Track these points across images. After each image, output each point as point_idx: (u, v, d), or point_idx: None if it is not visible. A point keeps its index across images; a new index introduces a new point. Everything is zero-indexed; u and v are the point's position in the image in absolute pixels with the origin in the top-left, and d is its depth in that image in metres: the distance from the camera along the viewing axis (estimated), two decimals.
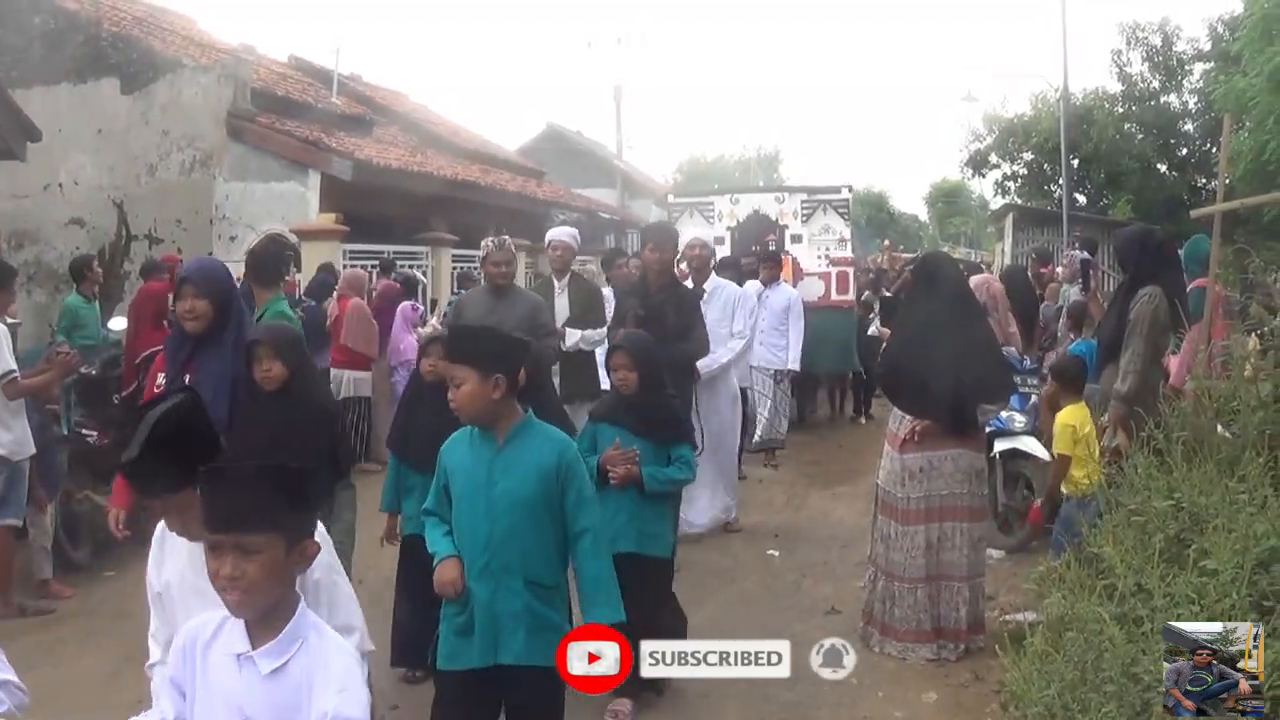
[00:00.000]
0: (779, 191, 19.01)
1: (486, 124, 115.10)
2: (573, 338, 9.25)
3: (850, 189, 18.29)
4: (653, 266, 9.00)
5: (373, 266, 16.54)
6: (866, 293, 19.10)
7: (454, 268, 19.78)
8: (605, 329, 9.32)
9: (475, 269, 19.05)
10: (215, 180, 18.09)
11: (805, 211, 17.59)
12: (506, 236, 8.80)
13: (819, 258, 17.23)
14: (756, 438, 12.87)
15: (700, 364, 9.09)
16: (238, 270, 15.07)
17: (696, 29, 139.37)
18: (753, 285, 13.02)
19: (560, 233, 10.03)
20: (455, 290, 17.74)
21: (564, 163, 39.43)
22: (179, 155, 18.44)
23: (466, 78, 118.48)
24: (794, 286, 15.38)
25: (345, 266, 15.86)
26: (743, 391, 11.10)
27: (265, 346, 5.75)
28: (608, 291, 11.21)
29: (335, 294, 13.30)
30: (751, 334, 11.23)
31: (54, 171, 18.22)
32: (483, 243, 8.89)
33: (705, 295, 9.95)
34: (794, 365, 13.44)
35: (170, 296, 10.66)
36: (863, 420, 17.63)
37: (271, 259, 8.59)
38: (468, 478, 4.64)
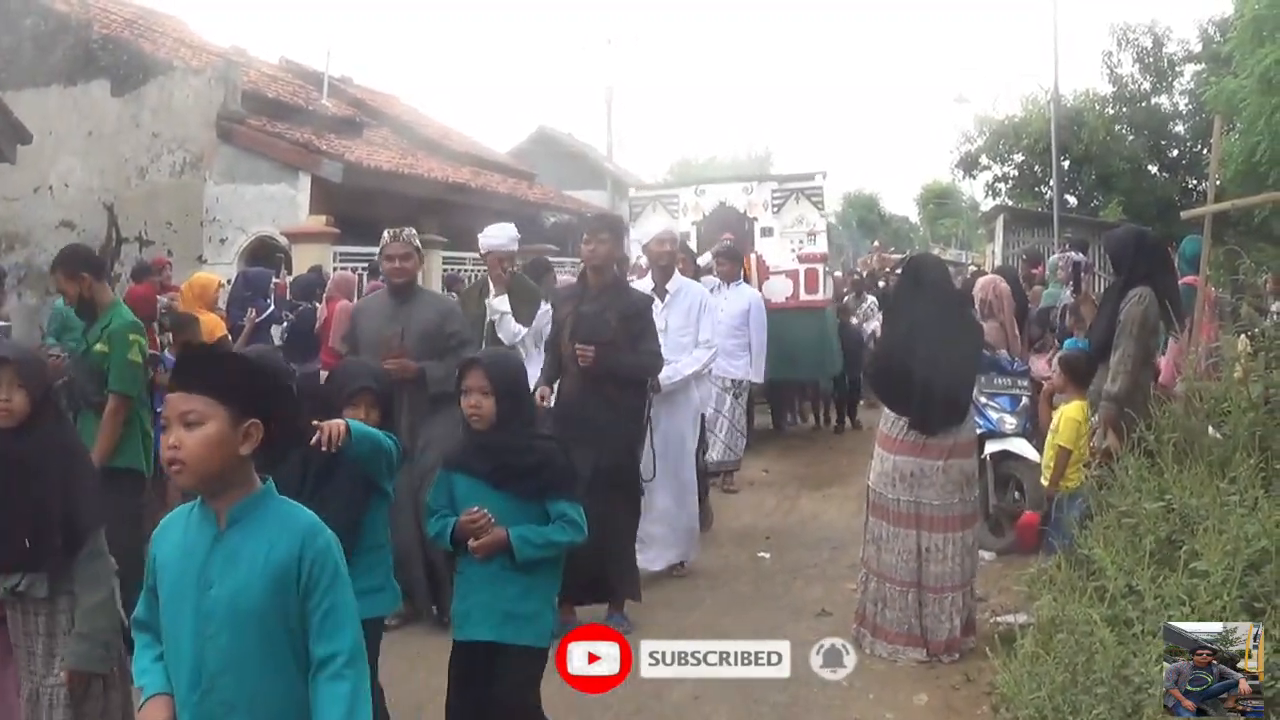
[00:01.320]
0: (747, 181, 17.47)
1: (477, 126, 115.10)
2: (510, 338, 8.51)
3: (824, 175, 17.00)
4: (592, 262, 7.62)
5: (363, 269, 16.51)
6: (849, 295, 18.76)
7: (444, 270, 19.78)
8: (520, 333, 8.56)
9: (462, 270, 19.07)
10: (206, 182, 18.07)
11: (776, 202, 16.42)
12: (411, 229, 7.67)
13: (792, 252, 16.02)
14: (712, 458, 11.40)
15: (661, 375, 8.11)
16: (228, 272, 15.13)
17: (687, 30, 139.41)
18: (707, 281, 12.00)
19: (496, 239, 8.86)
20: (445, 292, 17.72)
21: (555, 165, 39.41)
22: (169, 157, 18.42)
23: (457, 80, 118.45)
24: (759, 286, 14.75)
25: (335, 269, 15.84)
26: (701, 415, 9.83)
27: (8, 369, 4.55)
28: None
29: (325, 297, 13.29)
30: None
31: (44, 174, 18.20)
32: (383, 234, 7.69)
33: (666, 297, 8.99)
34: (757, 376, 12.52)
35: (169, 297, 10.68)
36: (847, 427, 16.97)
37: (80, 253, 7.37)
38: (176, 577, 3.25)
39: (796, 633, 7.43)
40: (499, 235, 8.89)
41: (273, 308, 12.86)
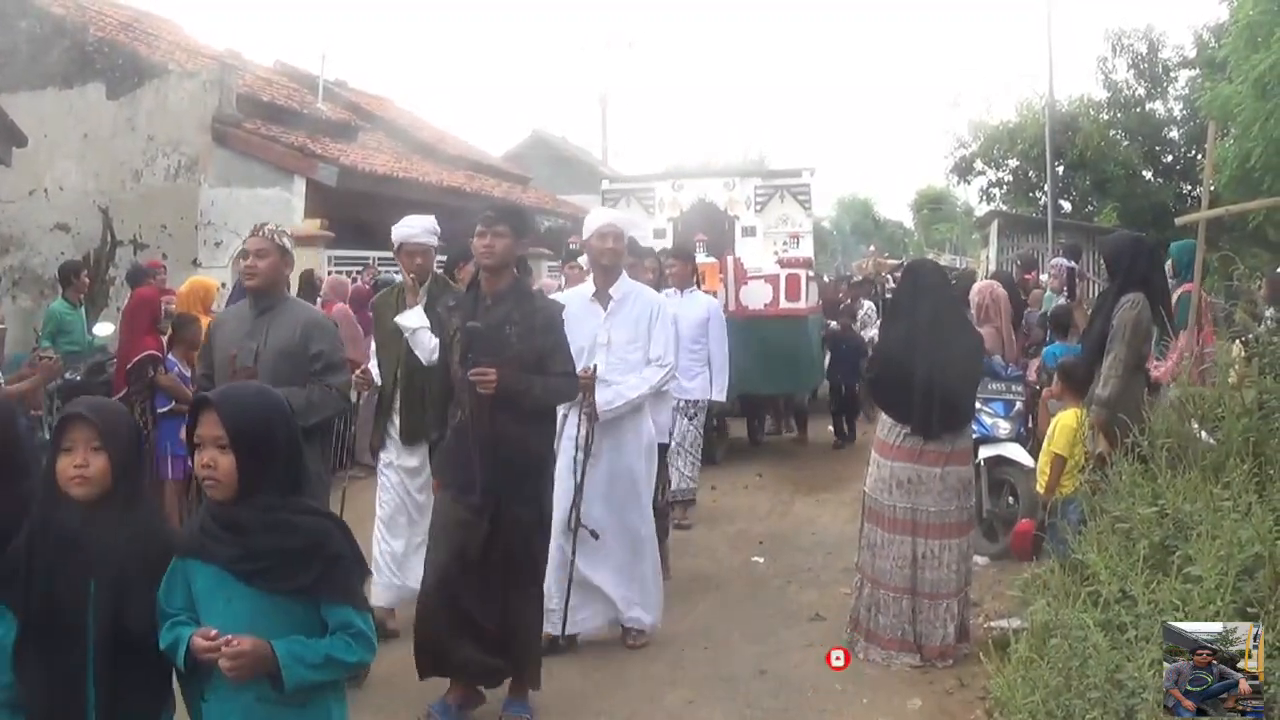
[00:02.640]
0: (729, 176, 16.16)
1: (472, 130, 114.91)
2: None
3: (812, 173, 15.86)
4: (486, 261, 6.14)
5: (357, 272, 16.55)
6: (845, 303, 18.12)
7: (439, 274, 19.74)
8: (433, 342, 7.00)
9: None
10: (200, 186, 18.02)
11: (760, 199, 15.41)
12: (271, 225, 6.40)
13: (774, 255, 15.05)
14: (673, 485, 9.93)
15: (601, 401, 6.97)
16: (223, 276, 15.12)
17: (682, 35, 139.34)
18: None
19: (411, 231, 7.62)
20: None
21: (550, 169, 39.38)
22: (164, 161, 18.38)
23: (452, 84, 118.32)
24: (736, 292, 14.19)
25: (330, 273, 15.84)
26: (660, 446, 8.20)
27: (84, 428, 3.54)
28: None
29: (320, 300, 13.30)
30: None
31: (39, 177, 18.16)
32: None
33: (610, 304, 7.37)
34: (719, 395, 10.93)
35: (163, 301, 10.68)
36: (846, 440, 15.61)
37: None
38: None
39: (790, 637, 7.48)
40: (411, 226, 7.63)
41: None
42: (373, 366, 7.63)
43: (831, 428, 15.97)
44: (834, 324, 16.67)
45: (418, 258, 7.54)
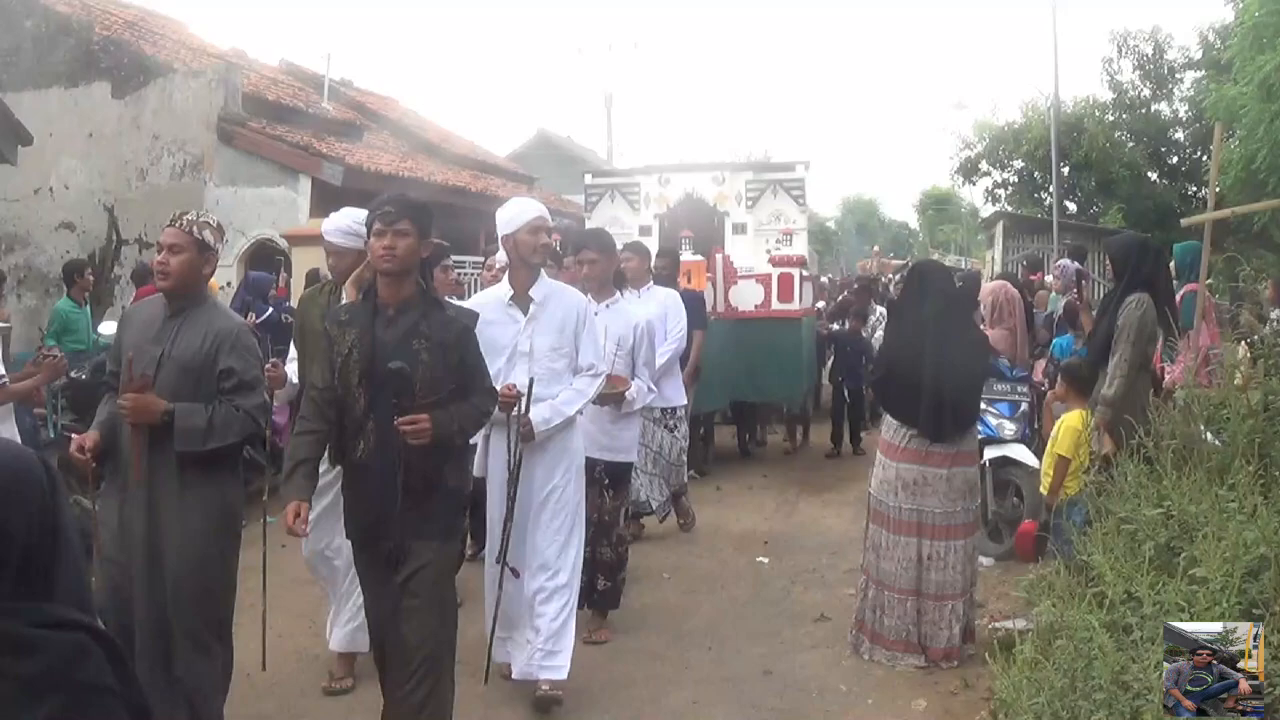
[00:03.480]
0: (718, 170, 14.92)
1: (477, 130, 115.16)
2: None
3: (807, 166, 14.60)
4: (384, 265, 5.17)
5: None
6: (855, 305, 17.17)
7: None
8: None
9: (462, 275, 19.05)
10: (206, 185, 18.06)
11: (751, 194, 14.33)
12: (192, 214, 5.61)
13: (766, 253, 14.12)
14: (640, 497, 9.44)
15: (537, 420, 6.16)
16: (228, 275, 15.12)
17: (687, 35, 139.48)
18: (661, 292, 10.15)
19: (326, 228, 6.97)
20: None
21: (555, 168, 39.38)
22: (170, 160, 18.41)
23: (458, 83, 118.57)
24: (725, 292, 13.60)
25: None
26: (612, 471, 7.46)
27: None
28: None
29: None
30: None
31: (45, 175, 18.22)
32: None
33: (531, 308, 6.44)
34: (678, 400, 9.91)
35: None
36: (846, 450, 14.93)
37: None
38: None
39: (795, 638, 7.47)
40: (331, 221, 6.97)
41: (270, 311, 12.90)
42: (291, 368, 6.81)
43: (831, 435, 15.17)
44: (835, 326, 16.21)
45: (331, 258, 6.87)
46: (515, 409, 6.08)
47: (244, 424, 5.32)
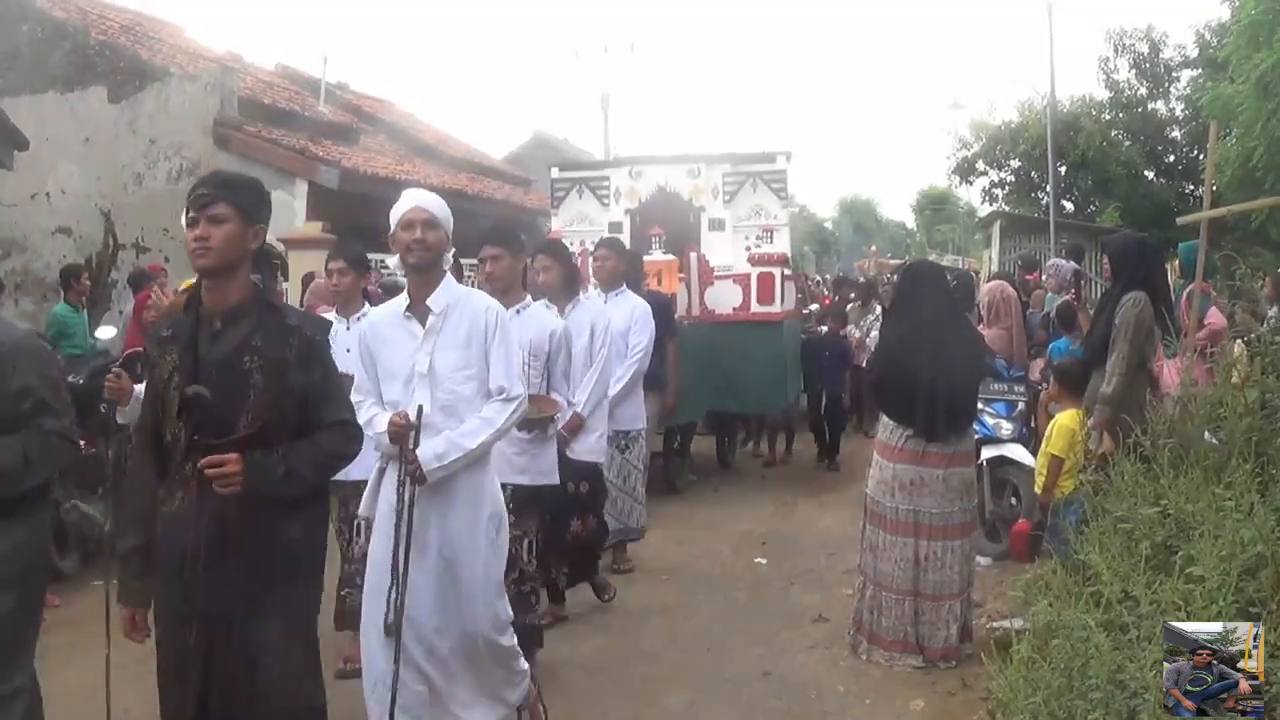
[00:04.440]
0: (693, 162, 13.84)
1: (474, 132, 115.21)
2: None
3: (788, 157, 13.66)
4: (200, 262, 4.18)
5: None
6: (852, 305, 17.11)
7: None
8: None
9: (462, 277, 19.03)
10: None
11: (729, 187, 13.44)
12: None
13: (746, 250, 13.21)
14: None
15: (429, 456, 5.04)
16: None
17: (684, 36, 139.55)
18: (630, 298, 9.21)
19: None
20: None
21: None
22: (166, 164, 18.40)
23: (454, 86, 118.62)
24: (701, 293, 12.71)
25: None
26: (520, 496, 6.30)
27: None
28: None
29: (303, 304, 13.30)
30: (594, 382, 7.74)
31: (41, 180, 18.19)
32: None
33: (429, 319, 5.37)
34: (635, 424, 8.96)
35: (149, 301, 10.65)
36: (830, 465, 14.18)
37: None
38: None
39: (793, 639, 7.47)
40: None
41: None
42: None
43: (818, 448, 14.55)
44: (822, 328, 15.52)
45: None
46: (404, 442, 5.05)
47: (63, 451, 4.70)
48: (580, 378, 7.57)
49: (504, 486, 5.86)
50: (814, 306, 16.96)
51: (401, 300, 5.53)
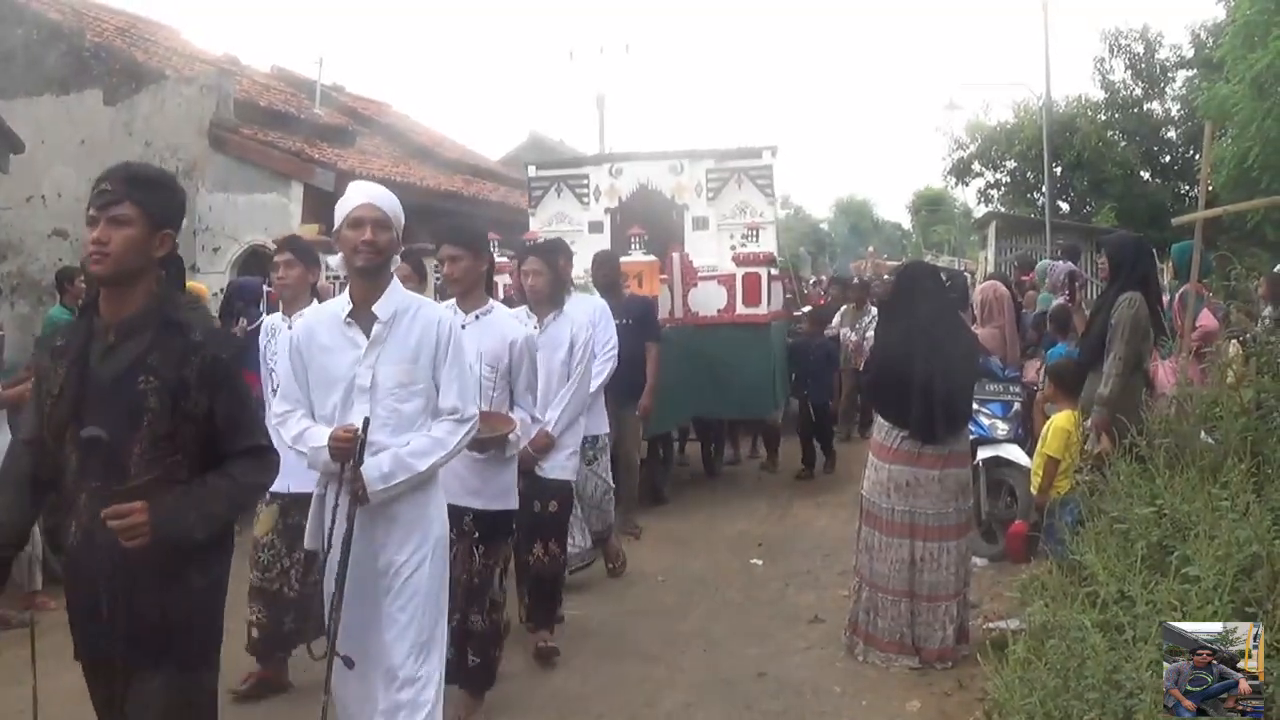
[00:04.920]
0: (676, 158, 13.33)
1: (470, 133, 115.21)
2: None
3: (774, 152, 13.16)
4: (98, 269, 3.81)
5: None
6: (847, 307, 16.11)
7: (436, 277, 19.73)
8: None
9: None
10: (198, 191, 18.00)
11: (712, 185, 12.97)
12: None
13: (731, 249, 12.74)
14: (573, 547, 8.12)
15: (373, 475, 4.69)
16: (221, 282, 15.12)
17: (679, 38, 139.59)
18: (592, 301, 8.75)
19: None
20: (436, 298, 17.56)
21: None
22: (162, 166, 18.38)
23: (450, 88, 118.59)
24: (684, 295, 12.26)
25: (327, 278, 15.83)
26: (486, 522, 5.96)
27: None
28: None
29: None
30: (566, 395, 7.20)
31: (37, 183, 18.16)
32: None
33: (375, 327, 4.90)
34: (598, 429, 8.46)
35: None
36: (819, 469, 13.58)
37: None
38: None
39: (789, 639, 7.47)
40: None
41: (264, 316, 12.85)
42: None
43: (801, 453, 13.73)
44: (800, 325, 14.98)
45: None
46: (348, 460, 4.67)
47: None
48: (554, 393, 7.11)
49: (464, 511, 5.75)
50: (807, 308, 16.67)
51: (341, 303, 5.04)
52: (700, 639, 7.55)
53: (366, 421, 4.68)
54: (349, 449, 4.63)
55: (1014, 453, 9.13)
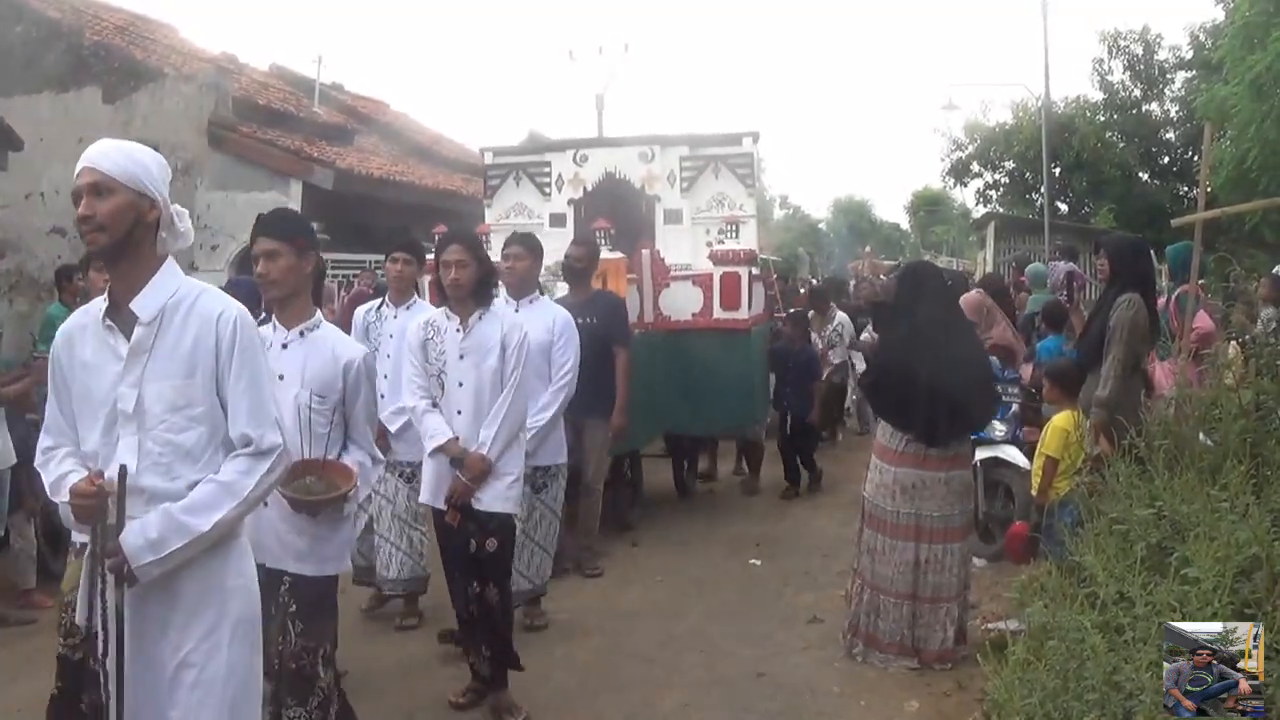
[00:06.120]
0: (647, 144, 12.11)
1: (469, 132, 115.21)
2: None
3: (755, 139, 12.00)
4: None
5: (354, 275, 16.57)
6: (811, 314, 14.64)
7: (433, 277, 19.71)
8: None
9: None
10: (197, 189, 18.00)
11: (687, 174, 11.84)
12: None
13: (707, 246, 11.50)
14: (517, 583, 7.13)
15: (132, 543, 3.48)
16: (219, 280, 15.11)
17: (678, 37, 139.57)
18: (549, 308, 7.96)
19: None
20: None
21: None
22: None
23: (449, 87, 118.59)
24: (655, 296, 10.93)
25: (326, 277, 15.85)
26: (304, 591, 4.83)
27: None
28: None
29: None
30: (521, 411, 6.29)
31: (36, 180, 18.13)
32: None
33: (137, 329, 3.64)
34: (554, 458, 7.69)
35: None
36: (804, 486, 12.52)
37: None
38: None
39: (788, 640, 7.46)
40: None
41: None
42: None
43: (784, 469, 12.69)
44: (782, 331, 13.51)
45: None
46: (99, 524, 3.47)
47: None
48: (487, 408, 6.09)
49: (280, 576, 4.72)
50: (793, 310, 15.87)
51: (101, 302, 3.77)
52: (698, 639, 7.53)
53: (123, 471, 3.47)
54: (91, 508, 3.44)
55: (1012, 454, 9.13)
